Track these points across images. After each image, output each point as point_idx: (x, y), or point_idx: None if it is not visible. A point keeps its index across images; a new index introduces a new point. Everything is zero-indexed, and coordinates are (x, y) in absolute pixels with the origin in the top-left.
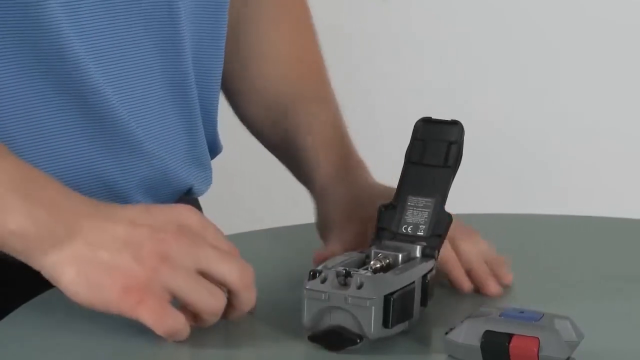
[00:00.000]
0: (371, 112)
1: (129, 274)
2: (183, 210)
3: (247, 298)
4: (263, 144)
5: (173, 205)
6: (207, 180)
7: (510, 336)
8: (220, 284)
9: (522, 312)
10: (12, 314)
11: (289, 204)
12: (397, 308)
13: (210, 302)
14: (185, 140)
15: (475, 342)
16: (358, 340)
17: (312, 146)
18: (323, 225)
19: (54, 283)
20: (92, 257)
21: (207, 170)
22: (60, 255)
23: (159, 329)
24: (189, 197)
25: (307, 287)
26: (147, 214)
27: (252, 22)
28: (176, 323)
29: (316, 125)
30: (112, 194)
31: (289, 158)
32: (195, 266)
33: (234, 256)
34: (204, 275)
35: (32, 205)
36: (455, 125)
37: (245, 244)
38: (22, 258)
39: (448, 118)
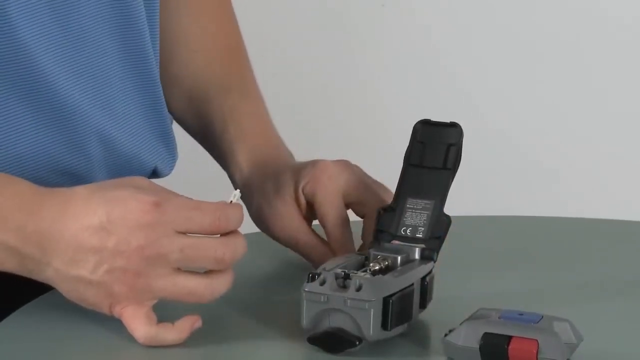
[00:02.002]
0: (371, 114)
1: (109, 291)
2: (137, 199)
3: (235, 222)
4: (187, 131)
5: (125, 195)
6: (172, 157)
7: (509, 338)
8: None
9: (522, 314)
10: (14, 314)
11: None
12: (396, 310)
13: (192, 296)
14: (148, 118)
15: (475, 344)
16: (357, 343)
17: (229, 138)
18: (260, 220)
19: None
20: (73, 276)
21: (171, 145)
22: (45, 275)
23: (138, 339)
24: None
25: (306, 289)
26: (107, 215)
27: (174, 10)
28: (149, 333)
29: (236, 116)
30: (76, 182)
31: (210, 147)
32: (169, 266)
33: (197, 221)
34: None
35: (3, 234)
36: (454, 128)
37: None
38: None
39: (447, 120)
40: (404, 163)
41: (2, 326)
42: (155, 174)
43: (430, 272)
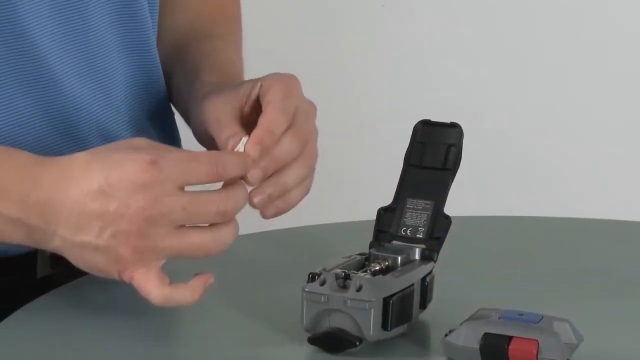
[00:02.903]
0: (370, 113)
1: (116, 255)
2: (132, 159)
3: (233, 169)
4: (170, 92)
5: (121, 157)
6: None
7: (509, 338)
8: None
9: (522, 314)
10: (14, 314)
11: None
12: (396, 310)
13: (200, 250)
14: (151, 112)
15: (475, 344)
16: (357, 343)
17: (203, 77)
18: (203, 108)
19: None
20: (79, 243)
21: (174, 139)
22: (53, 245)
23: (152, 301)
24: None
25: (307, 290)
26: (106, 179)
27: None
28: (163, 294)
29: (212, 58)
30: None
31: (178, 90)
32: (173, 224)
33: (194, 172)
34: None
35: (4, 207)
36: (454, 128)
37: (244, 247)
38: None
39: (447, 120)
40: (404, 163)
41: (2, 326)
42: None
43: (430, 273)
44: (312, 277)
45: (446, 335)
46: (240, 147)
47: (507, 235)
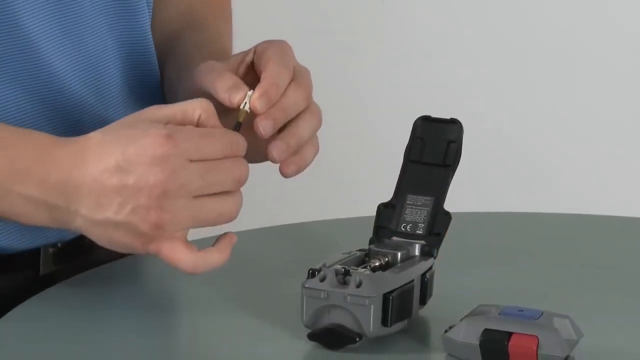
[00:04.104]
0: (370, 110)
1: (137, 231)
2: (148, 134)
3: (243, 148)
4: (162, 84)
5: (137, 133)
6: None
7: (509, 334)
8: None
9: (522, 311)
10: (13, 310)
11: (289, 202)
12: (396, 306)
13: (223, 216)
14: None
15: (475, 340)
16: (357, 339)
17: (189, 57)
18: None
19: None
20: (100, 220)
21: None
22: (75, 225)
23: (184, 270)
24: None
25: (306, 286)
26: (123, 154)
27: None
28: (194, 260)
29: (205, 49)
30: None
31: (173, 84)
32: (191, 195)
33: (208, 148)
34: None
35: (25, 189)
36: (454, 124)
37: (245, 242)
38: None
39: (447, 116)
40: (404, 159)
41: (4, 320)
42: None
43: (430, 269)
44: (312, 273)
45: (446, 331)
46: (247, 101)
47: (507, 231)
